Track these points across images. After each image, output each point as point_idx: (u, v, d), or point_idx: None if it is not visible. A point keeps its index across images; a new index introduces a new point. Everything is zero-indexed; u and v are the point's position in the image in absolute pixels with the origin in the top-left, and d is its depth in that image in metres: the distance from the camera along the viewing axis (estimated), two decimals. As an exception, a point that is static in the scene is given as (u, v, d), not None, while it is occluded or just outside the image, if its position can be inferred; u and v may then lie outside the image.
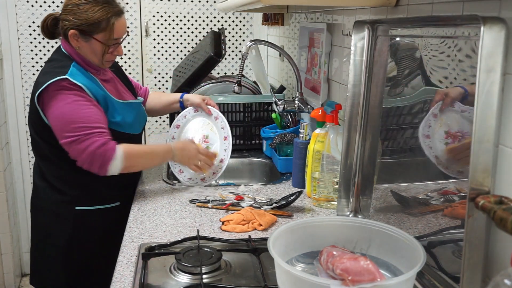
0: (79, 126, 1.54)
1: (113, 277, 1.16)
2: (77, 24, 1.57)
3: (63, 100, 1.55)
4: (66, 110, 1.54)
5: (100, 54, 1.62)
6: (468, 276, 0.91)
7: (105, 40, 1.60)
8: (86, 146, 1.54)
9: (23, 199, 3.20)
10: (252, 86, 2.32)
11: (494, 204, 0.84)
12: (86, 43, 1.61)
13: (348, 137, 1.38)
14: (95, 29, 1.58)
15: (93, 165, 1.56)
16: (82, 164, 1.57)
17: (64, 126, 1.55)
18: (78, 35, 1.59)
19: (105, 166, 1.56)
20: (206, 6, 3.22)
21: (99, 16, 1.57)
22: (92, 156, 1.54)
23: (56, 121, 1.56)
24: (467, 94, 1.02)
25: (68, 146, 1.56)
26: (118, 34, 1.63)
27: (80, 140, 1.54)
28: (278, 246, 1.01)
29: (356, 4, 1.55)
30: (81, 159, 1.56)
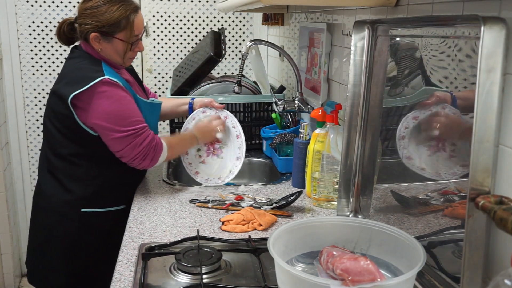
0: (134, 121, 1.59)
1: (113, 277, 1.16)
2: (98, 26, 1.59)
3: (110, 97, 1.57)
4: (117, 106, 1.57)
5: (122, 53, 1.65)
6: (468, 276, 0.91)
7: (127, 38, 1.63)
8: (142, 139, 1.60)
9: (23, 199, 3.20)
10: (252, 86, 2.32)
11: (494, 204, 0.84)
12: (108, 44, 1.62)
13: (348, 137, 1.38)
14: (116, 29, 1.60)
15: (146, 158, 1.62)
16: (134, 158, 1.60)
17: (118, 121, 1.57)
18: (99, 37, 1.60)
19: (156, 158, 1.64)
20: (206, 6, 3.22)
21: (119, 15, 1.59)
22: (147, 149, 1.61)
23: (107, 118, 1.56)
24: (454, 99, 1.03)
25: (121, 140, 1.58)
26: (138, 30, 1.66)
27: (137, 134, 1.59)
28: (278, 246, 1.01)
29: (356, 4, 1.55)
30: (134, 153, 1.59)
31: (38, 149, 3.17)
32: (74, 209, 1.68)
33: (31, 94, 3.11)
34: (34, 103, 3.12)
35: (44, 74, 3.10)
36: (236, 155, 1.83)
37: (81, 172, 1.67)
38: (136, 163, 1.63)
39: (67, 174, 1.69)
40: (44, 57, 3.08)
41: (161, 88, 3.27)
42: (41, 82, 3.11)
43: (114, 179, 1.70)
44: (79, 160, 1.66)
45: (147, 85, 3.19)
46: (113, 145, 1.60)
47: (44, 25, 3.04)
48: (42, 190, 1.75)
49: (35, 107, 3.13)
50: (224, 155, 1.85)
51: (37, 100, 3.12)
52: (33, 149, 3.18)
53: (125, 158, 1.61)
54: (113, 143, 1.60)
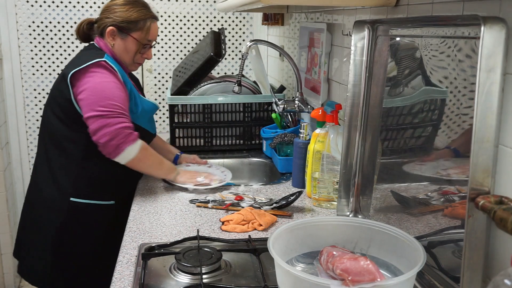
0: (113, 104, 1.61)
1: (113, 277, 1.16)
2: (117, 21, 1.71)
3: (103, 78, 1.63)
4: (103, 86, 1.62)
5: (132, 53, 1.75)
6: (468, 276, 0.91)
7: (141, 39, 1.74)
8: (115, 122, 1.60)
9: (23, 199, 3.18)
10: (252, 86, 2.32)
11: (494, 204, 0.84)
12: (122, 40, 1.72)
13: (348, 137, 1.38)
14: (133, 27, 1.72)
15: (112, 142, 1.59)
16: (100, 137, 1.59)
17: (99, 100, 1.60)
18: (115, 31, 1.71)
19: (122, 147, 1.60)
20: (206, 6, 3.22)
21: (138, 15, 1.72)
22: (117, 133, 1.59)
23: (91, 94, 1.61)
24: None
25: (94, 118, 1.60)
26: (152, 36, 1.78)
27: (111, 115, 1.60)
28: (278, 246, 1.01)
29: (356, 4, 1.55)
30: (103, 132, 1.59)
31: (38, 149, 3.18)
32: (63, 198, 1.70)
33: (31, 94, 3.11)
34: (34, 103, 3.12)
35: (44, 74, 3.10)
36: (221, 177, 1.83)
37: (73, 160, 1.70)
38: (102, 145, 1.60)
39: (60, 162, 1.72)
40: (44, 57, 3.08)
41: (161, 88, 3.27)
42: (41, 82, 3.11)
43: (105, 171, 1.72)
44: (71, 146, 1.69)
45: (147, 85, 3.21)
46: (88, 122, 1.61)
47: (44, 25, 3.04)
48: (35, 182, 1.79)
49: (35, 107, 3.13)
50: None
51: (37, 100, 3.12)
52: (33, 149, 3.18)
53: (95, 136, 1.60)
54: (88, 119, 1.61)
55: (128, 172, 1.76)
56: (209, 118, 2.23)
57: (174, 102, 2.21)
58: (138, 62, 1.80)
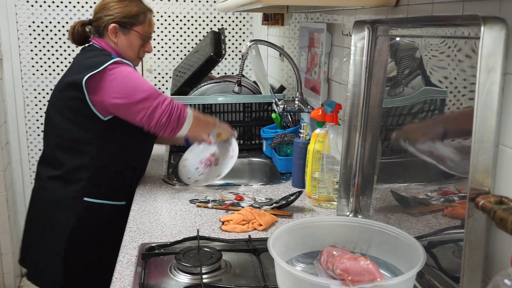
0: (148, 87, 1.63)
1: (113, 277, 1.16)
2: (119, 17, 1.70)
3: (122, 72, 1.63)
4: (131, 77, 1.63)
5: (136, 47, 1.75)
6: (468, 276, 0.91)
7: (144, 32, 1.75)
8: (162, 100, 1.61)
9: (23, 199, 3.20)
10: (252, 86, 2.32)
11: (494, 204, 0.84)
12: (125, 36, 1.72)
13: (348, 137, 1.38)
14: (135, 21, 1.72)
15: (172, 117, 1.61)
16: (158, 118, 1.60)
17: (134, 89, 1.61)
18: (118, 28, 1.71)
19: (183, 116, 1.63)
20: (206, 6, 3.22)
21: (138, 9, 1.73)
22: (170, 108, 1.61)
23: (123, 92, 1.60)
24: None
25: (141, 104, 1.60)
26: (152, 28, 1.79)
27: (154, 95, 1.61)
28: (278, 246, 1.01)
29: (356, 4, 1.55)
30: (158, 112, 1.60)
31: (38, 149, 3.17)
32: (77, 197, 1.69)
33: (31, 94, 3.11)
34: (34, 103, 3.12)
35: (44, 74, 3.10)
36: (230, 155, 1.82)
37: (85, 160, 1.68)
38: (163, 125, 1.61)
39: (73, 164, 1.70)
40: (44, 57, 3.08)
41: (161, 88, 3.27)
42: (41, 82, 3.11)
43: (118, 171, 1.73)
44: (85, 146, 1.67)
45: (147, 85, 3.20)
46: (136, 115, 1.61)
47: (44, 25, 3.04)
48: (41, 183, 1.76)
49: (35, 107, 3.13)
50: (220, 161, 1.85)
51: (37, 100, 3.12)
52: (33, 149, 3.18)
53: (152, 123, 1.61)
54: (135, 112, 1.61)
55: (137, 170, 1.80)
56: (209, 118, 2.23)
57: (174, 102, 2.20)
58: (141, 56, 1.80)
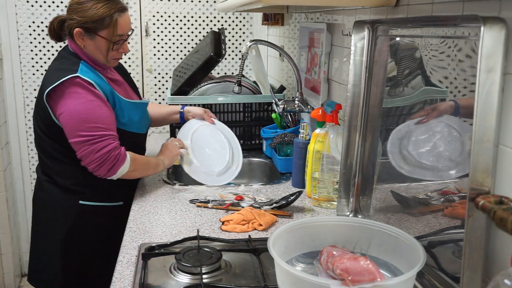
0: (94, 127, 1.56)
1: (113, 277, 1.16)
2: (82, 22, 1.60)
3: (78, 98, 1.56)
4: (82, 108, 1.56)
5: (105, 51, 1.65)
6: (468, 276, 0.91)
7: (109, 36, 1.63)
8: (100, 147, 1.57)
9: (23, 199, 3.20)
10: (252, 86, 2.32)
11: (494, 204, 0.84)
12: (91, 41, 1.63)
13: (348, 137, 1.38)
14: (99, 26, 1.61)
15: (102, 167, 1.58)
16: (89, 163, 1.59)
17: (78, 124, 1.56)
18: (83, 33, 1.62)
19: (115, 169, 1.60)
20: (206, 6, 3.21)
21: (102, 12, 1.60)
22: (105, 158, 1.57)
23: (69, 119, 1.57)
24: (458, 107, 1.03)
25: (80, 145, 1.57)
26: (122, 30, 1.65)
27: (95, 141, 1.56)
28: (278, 246, 1.01)
29: (356, 4, 1.55)
30: (90, 159, 1.57)
31: (38, 149, 3.18)
32: (72, 201, 1.69)
33: (31, 94, 3.11)
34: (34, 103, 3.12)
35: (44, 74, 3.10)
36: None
37: (69, 170, 1.68)
38: (91, 169, 1.60)
39: (58, 172, 1.71)
40: (44, 57, 3.08)
41: (161, 88, 3.27)
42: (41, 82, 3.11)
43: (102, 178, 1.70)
44: (65, 158, 1.67)
45: (147, 85, 3.21)
46: (74, 147, 1.60)
47: (44, 25, 3.04)
48: (41, 185, 1.77)
49: (35, 107, 3.12)
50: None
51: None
52: (33, 149, 3.17)
53: (83, 162, 1.60)
54: (73, 145, 1.60)
55: None
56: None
57: (174, 102, 2.20)
58: (115, 58, 1.70)
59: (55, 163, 1.70)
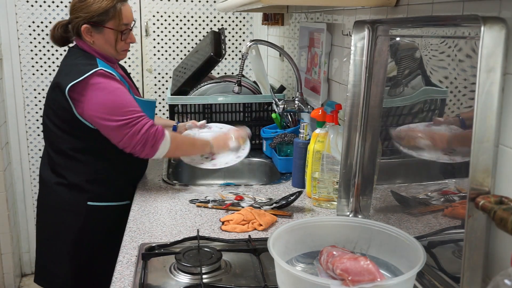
0: (129, 110, 1.61)
1: (113, 277, 1.16)
2: (88, 17, 1.65)
3: (107, 88, 1.60)
4: (113, 96, 1.60)
5: (113, 43, 1.70)
6: (468, 276, 0.91)
7: (116, 26, 1.69)
8: (139, 127, 1.60)
9: (23, 199, 3.20)
10: (252, 86, 2.32)
11: (494, 204, 0.84)
12: (99, 35, 1.68)
13: (348, 137, 1.38)
14: (105, 18, 1.66)
15: (146, 146, 1.62)
16: (134, 147, 1.61)
17: (113, 110, 1.59)
18: (90, 28, 1.67)
19: (157, 145, 1.63)
20: (206, 6, 3.22)
21: (106, 5, 1.66)
22: (146, 136, 1.61)
23: (102, 108, 1.59)
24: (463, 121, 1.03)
25: (118, 132, 1.60)
26: (126, 19, 1.72)
27: (133, 123, 1.60)
28: (278, 246, 1.01)
29: (356, 4, 1.55)
30: (134, 142, 1.60)
31: (38, 149, 3.18)
32: (80, 202, 1.70)
33: (31, 94, 3.11)
34: (34, 103, 3.12)
35: (44, 74, 3.10)
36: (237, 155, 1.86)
37: (82, 167, 1.69)
38: (138, 152, 1.63)
39: (70, 169, 1.70)
40: (44, 57, 3.08)
41: (161, 88, 3.27)
42: (41, 82, 3.11)
43: (116, 173, 1.73)
44: (80, 154, 1.68)
45: (147, 85, 3.21)
46: (113, 136, 1.62)
47: (44, 25, 3.04)
48: (47, 188, 1.76)
49: (35, 107, 3.13)
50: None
51: (37, 100, 3.12)
52: (33, 149, 3.18)
53: (127, 148, 1.63)
54: (112, 134, 1.62)
55: (137, 170, 1.81)
56: (209, 118, 2.23)
57: (174, 102, 2.20)
58: (124, 49, 1.75)
59: (67, 160, 1.70)
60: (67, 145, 1.68)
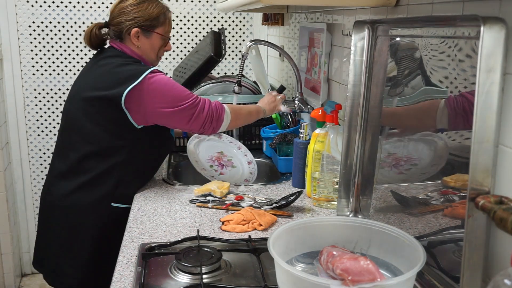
0: (188, 94, 1.69)
1: (113, 277, 1.16)
2: (141, 21, 1.71)
3: (163, 80, 1.67)
4: (171, 85, 1.68)
5: (157, 49, 1.78)
6: (468, 276, 0.91)
7: (165, 33, 1.78)
8: (203, 106, 1.70)
9: (23, 199, 3.20)
10: (252, 86, 2.32)
11: (494, 204, 0.84)
12: (147, 39, 1.74)
13: (348, 137, 1.38)
14: (157, 23, 1.74)
15: (213, 120, 1.72)
16: (203, 124, 1.71)
17: (176, 98, 1.66)
18: (140, 32, 1.72)
19: (221, 118, 1.74)
20: (206, 6, 3.22)
21: (158, 11, 1.74)
22: (211, 112, 1.71)
23: (165, 98, 1.64)
24: None
25: (186, 112, 1.67)
26: (171, 27, 1.83)
27: (195, 103, 1.69)
28: (278, 246, 1.01)
29: (356, 4, 1.55)
30: (202, 119, 1.70)
31: (38, 149, 3.17)
32: (104, 204, 1.69)
33: (31, 94, 3.11)
34: (34, 103, 3.12)
35: (44, 74, 3.10)
36: (246, 160, 1.86)
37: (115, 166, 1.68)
38: (207, 127, 1.73)
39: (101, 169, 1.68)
40: (44, 57, 3.08)
41: (161, 88, 3.27)
42: (41, 82, 3.11)
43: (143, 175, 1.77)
44: (114, 153, 1.67)
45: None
46: (181, 120, 1.68)
47: (44, 25, 3.04)
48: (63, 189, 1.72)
49: (35, 107, 3.13)
50: (236, 164, 1.87)
51: (37, 100, 3.12)
52: (33, 149, 3.18)
53: (196, 127, 1.72)
54: (179, 119, 1.68)
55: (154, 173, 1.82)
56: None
57: (174, 102, 2.20)
58: (160, 56, 1.83)
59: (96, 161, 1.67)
60: (106, 143, 1.67)
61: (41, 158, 3.19)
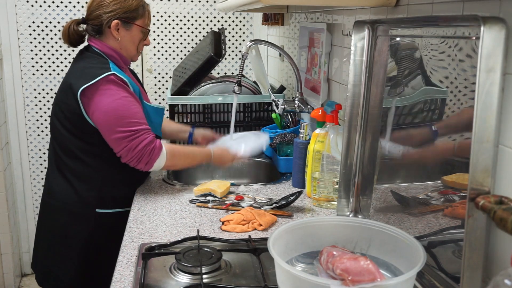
0: (131, 122, 1.60)
1: (113, 277, 1.16)
2: (120, 12, 1.68)
3: (114, 95, 1.60)
4: (118, 105, 1.59)
5: (137, 42, 1.75)
6: (468, 276, 0.91)
7: (145, 25, 1.75)
8: (137, 143, 1.61)
9: (23, 199, 3.20)
10: (252, 86, 2.32)
11: (494, 204, 0.84)
12: (127, 31, 1.71)
13: (348, 137, 1.38)
14: (136, 15, 1.71)
15: (141, 162, 1.63)
16: (129, 159, 1.62)
17: (116, 121, 1.59)
18: (120, 24, 1.69)
19: (151, 163, 1.64)
20: (206, 6, 3.22)
21: (137, 3, 1.71)
22: (142, 153, 1.61)
23: (106, 116, 1.59)
24: None
25: (119, 142, 1.60)
26: (150, 20, 1.79)
27: (132, 136, 1.60)
28: (278, 246, 1.01)
29: (356, 4, 1.55)
30: (130, 156, 1.61)
31: (38, 149, 3.18)
32: (89, 209, 1.69)
33: (31, 94, 3.11)
34: (34, 103, 3.12)
35: (44, 74, 3.10)
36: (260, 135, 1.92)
37: (90, 172, 1.68)
38: (133, 165, 1.64)
39: (78, 173, 1.70)
40: (44, 57, 3.08)
41: (161, 88, 3.27)
42: (41, 82, 3.11)
43: (127, 178, 1.73)
44: (88, 158, 1.67)
45: (147, 85, 3.21)
46: (112, 145, 1.63)
47: (44, 25, 3.04)
48: (53, 190, 1.75)
49: (35, 107, 3.13)
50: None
51: (37, 100, 3.12)
52: (33, 149, 3.18)
53: (123, 158, 1.63)
54: (111, 142, 1.62)
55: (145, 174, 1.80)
56: (209, 118, 2.23)
57: (174, 102, 2.21)
58: (140, 51, 1.79)
59: (77, 164, 1.69)
60: (76, 148, 1.67)
61: (41, 158, 3.19)
